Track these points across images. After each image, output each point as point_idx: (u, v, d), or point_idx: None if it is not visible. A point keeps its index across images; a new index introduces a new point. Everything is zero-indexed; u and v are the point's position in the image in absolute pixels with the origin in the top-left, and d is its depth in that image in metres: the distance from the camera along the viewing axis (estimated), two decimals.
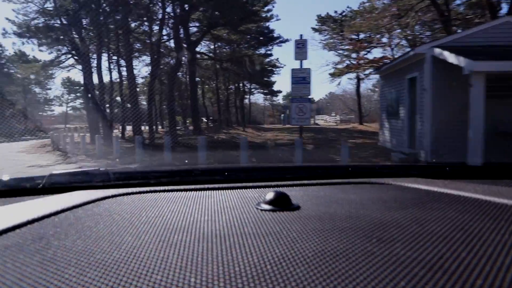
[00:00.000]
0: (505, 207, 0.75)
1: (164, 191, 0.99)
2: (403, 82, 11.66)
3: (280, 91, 45.18)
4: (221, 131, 26.16)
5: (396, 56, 21.30)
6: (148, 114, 18.22)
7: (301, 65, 9.50)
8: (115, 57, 27.15)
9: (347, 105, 48.04)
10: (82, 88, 50.67)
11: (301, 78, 9.32)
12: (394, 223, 0.65)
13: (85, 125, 33.33)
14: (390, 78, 13.37)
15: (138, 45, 29.02)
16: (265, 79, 35.47)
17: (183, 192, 0.98)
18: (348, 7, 35.54)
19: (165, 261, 0.49)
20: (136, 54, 32.14)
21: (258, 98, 57.26)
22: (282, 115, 45.33)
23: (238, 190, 1.00)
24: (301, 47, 9.21)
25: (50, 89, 47.42)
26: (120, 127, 26.45)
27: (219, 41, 26.55)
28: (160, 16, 19.58)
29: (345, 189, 1.01)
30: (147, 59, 30.09)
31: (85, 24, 22.28)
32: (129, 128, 24.95)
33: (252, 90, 42.39)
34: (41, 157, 14.44)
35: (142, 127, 35.55)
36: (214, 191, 0.99)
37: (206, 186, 1.05)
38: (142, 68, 54.17)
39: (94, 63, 23.17)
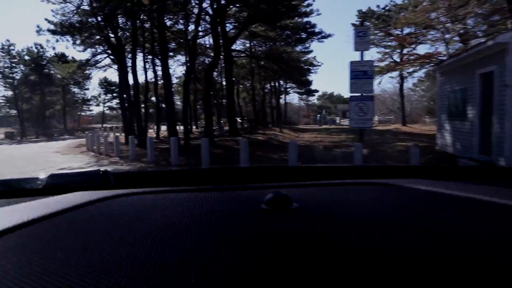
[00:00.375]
0: (506, 208, 0.74)
1: (164, 192, 0.97)
2: (472, 78, 10.13)
3: (316, 91, 43.51)
4: (257, 131, 25.17)
5: (450, 52, 19.46)
6: (183, 114, 17.41)
7: (361, 57, 8.15)
8: (150, 56, 26.95)
9: (385, 105, 45.86)
10: (118, 88, 51.54)
11: (361, 73, 7.90)
12: (394, 224, 0.65)
13: (121, 125, 33.66)
14: (453, 74, 11.83)
15: (173, 44, 28.67)
16: (303, 78, 33.94)
17: (183, 193, 0.96)
18: (391, 1, 33.52)
19: (165, 262, 0.49)
20: (171, 53, 31.90)
21: (292, 98, 56.04)
22: (318, 115, 43.96)
23: (238, 191, 1.00)
24: (362, 36, 7.86)
25: (87, 89, 48.23)
26: (155, 127, 26.09)
27: (256, 38, 25.51)
28: (196, 12, 18.78)
29: (345, 190, 1.00)
30: (181, 58, 29.77)
31: (120, 23, 22.02)
32: (163, 128, 24.54)
33: (287, 89, 41.17)
34: (74, 159, 13.98)
35: (176, 127, 35.45)
36: (214, 192, 0.98)
37: (205, 187, 1.04)
38: (176, 68, 54.03)
39: (129, 63, 22.89)
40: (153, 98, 28.60)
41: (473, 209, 0.75)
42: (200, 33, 20.72)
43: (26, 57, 38.21)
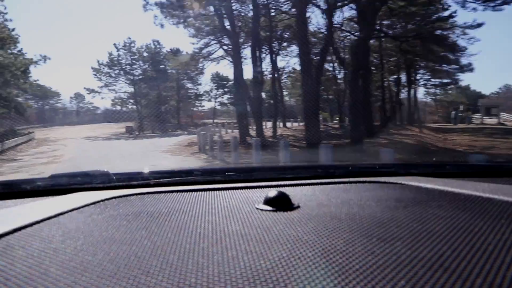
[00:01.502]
0: (505, 204, 0.75)
1: (164, 192, 0.97)
2: None
3: (457, 81, 35.97)
4: (391, 132, 20.45)
5: None
6: (314, 108, 13.73)
7: None
8: (266, 47, 24.26)
9: None
10: (231, 82, 50.99)
11: None
12: (394, 222, 0.66)
13: (231, 121, 32.18)
14: None
15: (287, 33, 25.59)
16: (458, 61, 27.11)
17: (183, 193, 0.97)
18: None
19: (165, 261, 0.50)
20: (284, 44, 28.98)
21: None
22: (453, 112, 37.03)
23: (238, 190, 0.99)
24: None
25: (200, 84, 47.97)
26: (266, 125, 23.37)
27: (397, 15, 20.67)
28: None
29: (345, 188, 1.00)
30: (294, 49, 26.38)
31: (235, 10, 19.69)
32: (269, 124, 21.61)
33: (417, 80, 34.86)
34: (184, 162, 11.52)
35: (289, 124, 32.45)
36: (214, 191, 0.98)
37: (206, 186, 1.04)
38: (290, 59, 50.98)
39: (243, 54, 20.53)
40: (263, 93, 26.02)
41: (475, 206, 0.75)
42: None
43: (145, 54, 39.11)
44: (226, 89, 49.64)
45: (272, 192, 0.80)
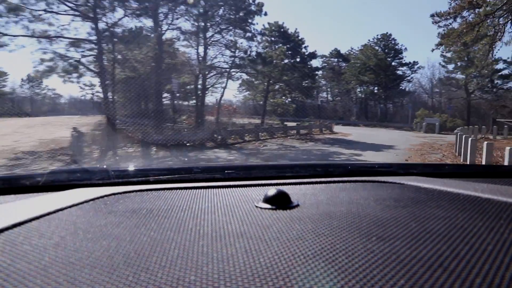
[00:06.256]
0: (504, 205, 0.77)
1: (163, 189, 0.98)
2: None
3: None
4: None
5: None
6: None
7: None
8: None
9: None
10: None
11: None
12: (393, 221, 0.67)
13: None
14: None
15: None
16: None
17: (182, 190, 0.98)
18: None
19: (165, 258, 0.50)
20: None
21: None
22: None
23: (238, 188, 1.01)
24: None
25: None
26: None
27: None
28: None
29: (345, 188, 1.01)
30: None
31: None
32: None
33: None
34: None
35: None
36: (214, 189, 0.99)
37: (206, 184, 1.04)
38: None
39: None
40: None
41: (474, 206, 0.77)
42: None
43: None
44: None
45: (272, 191, 0.81)
